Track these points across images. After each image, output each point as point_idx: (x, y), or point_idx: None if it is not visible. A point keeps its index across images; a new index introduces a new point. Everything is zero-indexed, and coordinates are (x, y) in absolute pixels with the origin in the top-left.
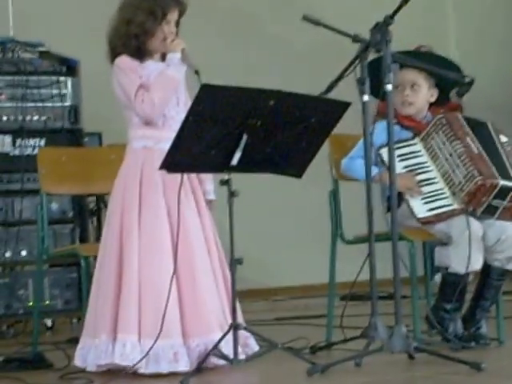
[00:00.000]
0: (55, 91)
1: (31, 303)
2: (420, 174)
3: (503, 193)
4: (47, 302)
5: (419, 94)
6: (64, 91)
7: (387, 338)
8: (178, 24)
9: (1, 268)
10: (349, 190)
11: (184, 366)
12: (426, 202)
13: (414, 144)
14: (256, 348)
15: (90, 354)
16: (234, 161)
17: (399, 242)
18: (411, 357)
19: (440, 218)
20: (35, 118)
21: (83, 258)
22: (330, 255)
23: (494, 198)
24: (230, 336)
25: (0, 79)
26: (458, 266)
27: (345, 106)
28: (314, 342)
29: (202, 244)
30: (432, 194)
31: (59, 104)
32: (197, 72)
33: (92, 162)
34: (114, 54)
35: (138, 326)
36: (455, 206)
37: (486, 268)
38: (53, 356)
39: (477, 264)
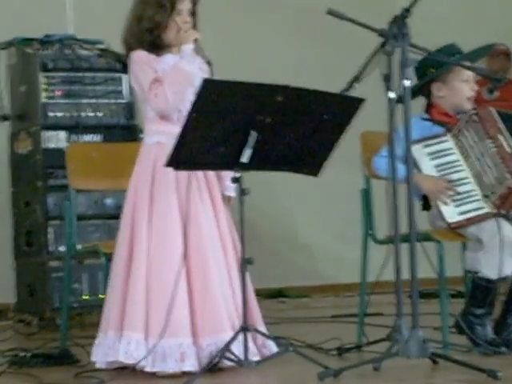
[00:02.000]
0: (111, 88)
1: (86, 297)
2: (451, 173)
3: None
4: (102, 296)
5: None
6: (119, 88)
7: (403, 343)
8: (194, 13)
9: (57, 262)
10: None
11: (190, 366)
12: (457, 205)
13: (446, 141)
14: (274, 349)
15: (100, 350)
16: (244, 158)
17: (429, 242)
18: (435, 361)
19: (472, 221)
20: (90, 114)
21: (104, 255)
22: (362, 254)
23: None
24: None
25: (55, 75)
26: (488, 272)
27: (358, 102)
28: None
29: (216, 242)
30: (463, 195)
31: (114, 100)
32: (209, 63)
33: (122, 157)
34: (130, 52)
35: (145, 324)
36: (487, 210)
37: None
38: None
39: (508, 269)
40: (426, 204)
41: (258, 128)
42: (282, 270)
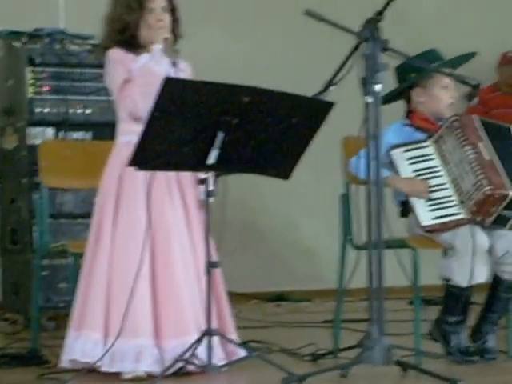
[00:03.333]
0: (101, 84)
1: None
2: (430, 178)
3: None
4: None
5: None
6: None
7: (368, 350)
8: (173, 9)
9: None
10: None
11: (147, 366)
12: (433, 210)
13: (426, 146)
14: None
15: (63, 349)
16: (211, 159)
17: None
18: (405, 369)
19: (446, 226)
20: (79, 111)
21: (72, 255)
22: (340, 260)
23: (505, 208)
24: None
25: (43, 70)
26: (460, 279)
27: (328, 106)
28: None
29: (186, 244)
30: (440, 200)
31: (105, 98)
32: (174, 64)
33: (97, 156)
34: (106, 51)
35: (105, 324)
36: (463, 215)
37: (495, 280)
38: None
39: (480, 277)
40: (405, 210)
41: (224, 129)
42: (284, 273)
